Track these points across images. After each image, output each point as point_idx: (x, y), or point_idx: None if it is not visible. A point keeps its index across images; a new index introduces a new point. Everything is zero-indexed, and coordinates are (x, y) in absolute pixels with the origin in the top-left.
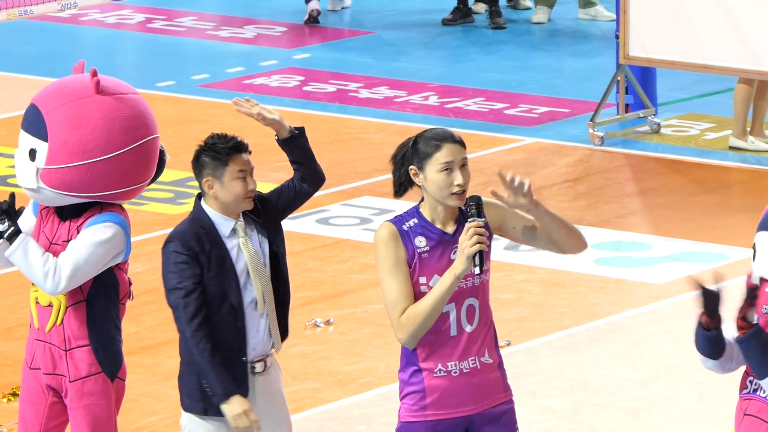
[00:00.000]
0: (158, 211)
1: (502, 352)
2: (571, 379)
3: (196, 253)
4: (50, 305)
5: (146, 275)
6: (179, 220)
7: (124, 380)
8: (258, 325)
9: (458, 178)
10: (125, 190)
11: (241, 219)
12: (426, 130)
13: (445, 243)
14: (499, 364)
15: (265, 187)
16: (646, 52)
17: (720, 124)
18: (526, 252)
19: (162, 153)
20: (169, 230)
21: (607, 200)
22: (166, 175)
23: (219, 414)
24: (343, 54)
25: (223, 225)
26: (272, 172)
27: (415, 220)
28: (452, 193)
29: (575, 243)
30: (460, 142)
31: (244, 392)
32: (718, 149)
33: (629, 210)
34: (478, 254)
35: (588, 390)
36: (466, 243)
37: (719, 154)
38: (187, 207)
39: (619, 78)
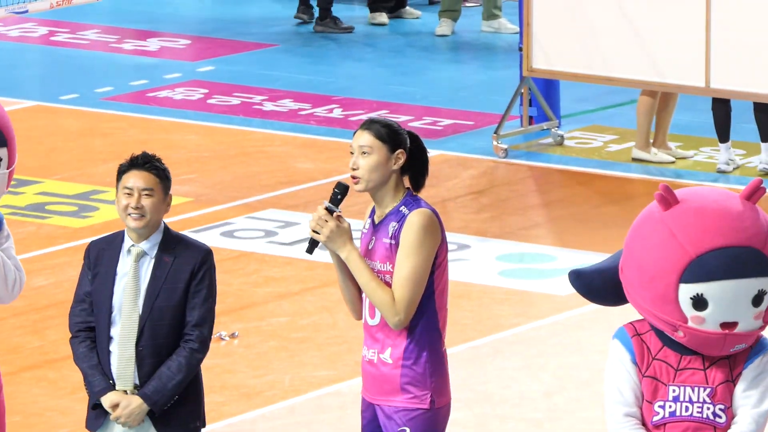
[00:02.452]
0: (62, 224)
1: None
2: (475, 390)
3: (90, 263)
4: None
5: (50, 289)
6: (83, 234)
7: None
8: (111, 352)
9: (351, 162)
10: None
11: (143, 245)
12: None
13: (371, 230)
14: (402, 368)
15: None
16: (549, 64)
17: (623, 136)
18: None
19: None
20: (71, 243)
21: (511, 212)
22: (70, 188)
23: None
24: (247, 67)
25: (126, 242)
26: (177, 185)
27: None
28: (351, 177)
29: (382, 314)
30: (370, 130)
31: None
32: (621, 161)
33: (533, 222)
34: (310, 238)
35: (492, 402)
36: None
37: (622, 165)
38: (90, 221)
39: (522, 90)
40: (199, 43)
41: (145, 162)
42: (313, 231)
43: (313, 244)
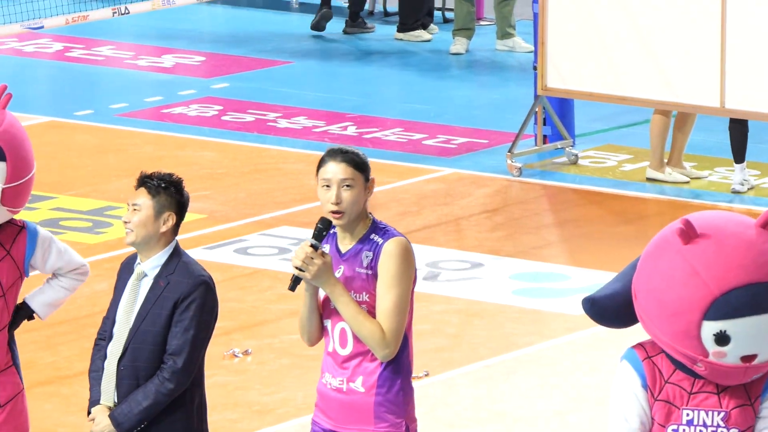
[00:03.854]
0: (76, 240)
1: (420, 383)
2: (488, 410)
3: (118, 277)
4: None
5: (64, 305)
6: (98, 249)
7: None
8: (105, 366)
9: (332, 196)
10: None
11: (145, 265)
12: (332, 146)
13: (336, 259)
14: (376, 396)
15: None
16: (563, 83)
17: (637, 156)
18: (443, 282)
19: None
20: (86, 259)
21: (525, 231)
22: (84, 204)
23: None
24: (262, 84)
25: (137, 260)
26: (191, 201)
27: (334, 231)
28: (329, 211)
29: (370, 348)
30: (348, 162)
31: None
32: (635, 180)
33: (547, 241)
34: (293, 275)
35: (506, 421)
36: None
37: (636, 185)
38: (105, 236)
39: (537, 109)
40: (213, 59)
41: (143, 182)
42: (298, 269)
43: (296, 282)
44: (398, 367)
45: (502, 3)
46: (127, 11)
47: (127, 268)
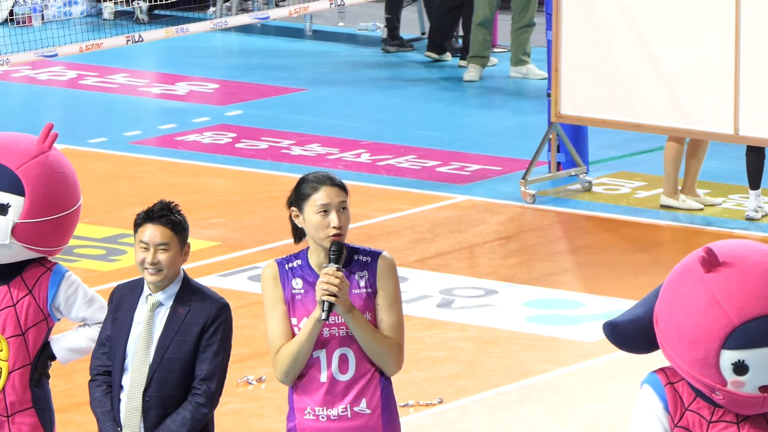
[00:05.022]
0: (90, 267)
1: (434, 410)
2: None
3: (111, 307)
4: None
5: None
6: (111, 278)
7: None
8: (121, 400)
9: (334, 220)
10: (63, 245)
11: (159, 295)
12: (309, 173)
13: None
14: (382, 414)
15: (194, 244)
16: (577, 110)
17: (651, 183)
18: (458, 310)
19: None
20: (100, 287)
21: (538, 258)
22: (98, 231)
23: None
24: (275, 111)
25: (145, 290)
26: (204, 229)
27: (299, 262)
28: (329, 236)
29: (383, 365)
30: (340, 186)
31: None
32: (649, 208)
33: (561, 268)
34: (326, 303)
35: None
36: (317, 289)
37: (650, 212)
38: (118, 264)
39: (550, 136)
40: (227, 87)
41: (161, 215)
42: (330, 295)
43: (330, 309)
44: (388, 383)
45: (519, 30)
46: (140, 39)
47: (126, 300)
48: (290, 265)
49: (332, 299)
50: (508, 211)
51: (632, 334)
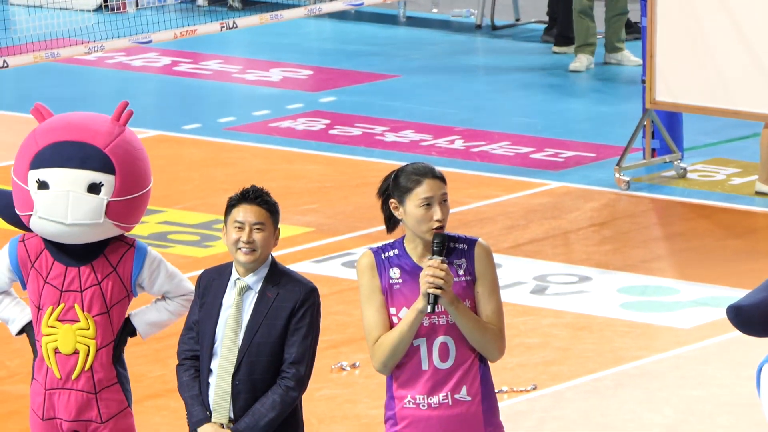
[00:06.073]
0: (184, 253)
1: (528, 396)
2: (597, 423)
3: (199, 292)
4: (75, 352)
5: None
6: (205, 263)
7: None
8: (210, 384)
9: (437, 213)
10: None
11: (249, 279)
12: (407, 165)
13: (418, 277)
14: (482, 401)
15: (288, 230)
16: (672, 96)
17: (746, 169)
18: (552, 296)
19: None
20: (193, 273)
21: (633, 245)
22: (192, 218)
23: None
24: (369, 97)
25: (234, 274)
26: (298, 215)
27: (396, 252)
28: (431, 228)
29: (486, 352)
30: (441, 178)
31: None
32: (744, 194)
33: (655, 255)
34: (432, 295)
35: None
36: (421, 281)
37: (745, 199)
38: (212, 250)
39: (645, 123)
40: (321, 73)
41: (256, 196)
42: (436, 287)
43: (435, 301)
44: (488, 368)
45: (614, 17)
46: (235, 25)
47: (213, 284)
48: (387, 254)
49: (438, 291)
50: (603, 197)
51: (756, 316)
